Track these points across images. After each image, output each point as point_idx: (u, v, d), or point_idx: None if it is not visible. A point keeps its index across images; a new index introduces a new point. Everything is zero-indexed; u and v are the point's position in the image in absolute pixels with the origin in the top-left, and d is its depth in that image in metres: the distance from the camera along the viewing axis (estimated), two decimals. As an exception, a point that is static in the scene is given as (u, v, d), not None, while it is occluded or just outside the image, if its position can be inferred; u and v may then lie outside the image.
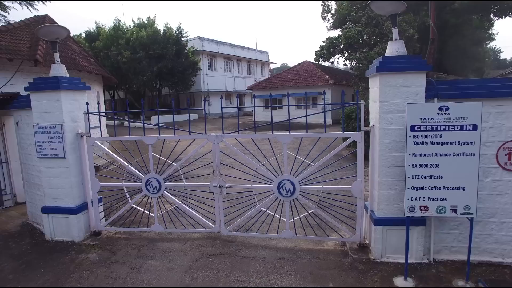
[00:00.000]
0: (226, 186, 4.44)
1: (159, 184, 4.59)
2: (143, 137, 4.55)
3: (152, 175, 4.60)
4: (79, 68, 8.81)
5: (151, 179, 4.61)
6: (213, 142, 4.38)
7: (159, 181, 4.59)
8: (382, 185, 3.73)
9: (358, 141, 3.98)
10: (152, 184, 4.61)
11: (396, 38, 3.66)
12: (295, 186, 4.22)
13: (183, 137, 4.59)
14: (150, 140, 4.53)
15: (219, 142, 4.37)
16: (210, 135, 4.38)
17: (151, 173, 4.59)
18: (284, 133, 4.17)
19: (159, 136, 4.53)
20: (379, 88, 3.59)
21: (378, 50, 12.35)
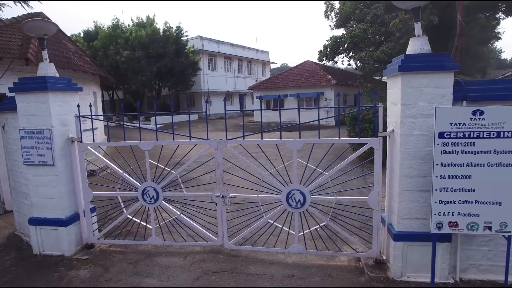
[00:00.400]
0: (229, 196, 4.07)
1: (156, 193, 4.23)
2: (139, 142, 4.18)
3: (149, 184, 4.23)
4: (74, 67, 8.45)
5: (148, 188, 4.25)
6: (215, 148, 4.02)
7: (156, 190, 4.23)
8: (403, 197, 3.37)
9: (376, 148, 3.62)
10: (149, 193, 4.25)
11: (419, 34, 3.30)
12: (305, 197, 3.86)
13: (182, 143, 4.22)
14: (147, 145, 4.17)
15: (222, 148, 4.00)
16: (213, 140, 4.02)
17: (148, 181, 4.23)
18: (294, 139, 3.80)
19: (157, 142, 4.17)
20: (400, 90, 3.23)
21: (384, 49, 12.01)
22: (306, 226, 4.02)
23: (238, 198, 4.25)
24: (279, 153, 3.95)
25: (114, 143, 4.37)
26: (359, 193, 5.99)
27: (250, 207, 4.37)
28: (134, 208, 4.41)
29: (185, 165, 4.23)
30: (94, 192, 4.41)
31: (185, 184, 4.35)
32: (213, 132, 18.70)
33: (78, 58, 9.36)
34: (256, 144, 4.11)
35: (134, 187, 4.32)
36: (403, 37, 12.12)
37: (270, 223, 4.06)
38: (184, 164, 4.35)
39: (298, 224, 3.94)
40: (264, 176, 3.95)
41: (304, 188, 3.87)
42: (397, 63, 3.27)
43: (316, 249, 4.02)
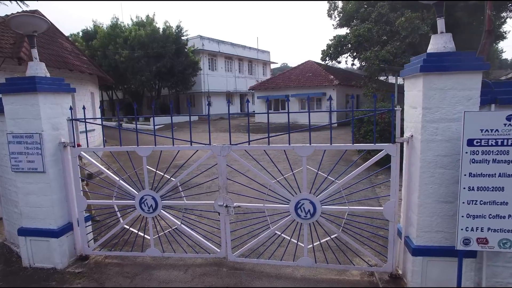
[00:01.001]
0: (233, 205, 3.79)
1: (155, 202, 3.95)
2: (136, 147, 3.90)
3: (147, 192, 3.95)
4: (70, 67, 8.16)
5: (146, 197, 3.97)
6: (218, 155, 3.73)
7: (155, 199, 3.95)
8: (423, 208, 3.09)
9: (393, 155, 3.34)
10: (147, 202, 3.97)
11: (442, 30, 3.01)
12: (315, 207, 3.58)
13: (183, 148, 3.94)
14: (145, 151, 3.88)
15: (226, 154, 3.72)
16: (215, 146, 3.73)
17: (146, 189, 3.95)
18: (304, 145, 3.52)
19: (155, 147, 3.88)
20: (422, 92, 2.95)
21: (390, 49, 11.72)
22: (315, 236, 3.74)
23: (243, 208, 3.97)
24: (288, 159, 3.67)
25: (110, 148, 4.09)
26: (372, 203, 5.70)
27: (256, 217, 4.08)
28: (131, 218, 4.13)
29: (186, 172, 3.95)
30: (89, 200, 4.13)
31: (186, 192, 4.07)
32: (214, 133, 18.37)
33: (74, 57, 9.07)
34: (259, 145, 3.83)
35: (131, 195, 4.04)
36: (409, 36, 11.86)
37: (277, 234, 3.78)
38: (185, 170, 4.07)
39: (307, 236, 3.67)
40: (270, 185, 3.67)
41: (314, 197, 3.59)
42: (418, 62, 2.99)
43: (327, 262, 3.74)
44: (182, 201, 4.03)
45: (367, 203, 5.34)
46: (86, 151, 4.10)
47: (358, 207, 3.74)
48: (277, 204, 3.76)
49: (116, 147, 4.06)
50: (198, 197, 5.08)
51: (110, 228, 4.25)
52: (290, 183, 3.68)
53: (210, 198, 4.10)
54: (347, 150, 3.79)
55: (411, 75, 3.20)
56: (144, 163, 3.89)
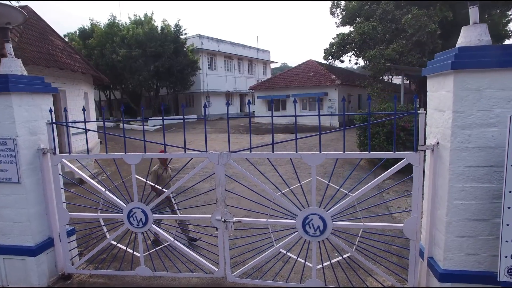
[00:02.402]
0: (233, 220, 3.37)
1: (145, 216, 3.53)
2: (124, 155, 3.48)
3: (136, 205, 3.53)
4: (60, 66, 7.72)
5: (135, 210, 3.54)
6: (216, 163, 3.31)
7: (145, 212, 3.52)
8: (453, 227, 2.68)
9: (415, 165, 2.92)
10: (137, 216, 3.55)
11: (475, 21, 2.60)
12: (326, 223, 3.16)
13: (176, 156, 3.52)
14: (133, 159, 3.46)
15: (224, 163, 3.29)
16: (212, 153, 3.31)
17: (135, 201, 3.53)
18: (313, 153, 3.09)
19: (145, 154, 3.46)
20: (452, 93, 2.53)
21: (396, 47, 11.29)
22: (324, 251, 3.32)
23: (244, 223, 3.55)
24: (294, 168, 3.24)
25: (95, 155, 3.67)
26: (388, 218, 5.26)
27: (259, 233, 3.65)
28: (119, 232, 3.70)
29: (180, 182, 3.53)
30: (72, 213, 3.71)
31: (180, 204, 3.65)
32: (213, 134, 18.00)
33: (66, 55, 8.64)
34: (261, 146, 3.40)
35: (119, 208, 3.61)
36: (415, 34, 11.43)
37: (283, 253, 3.36)
38: (179, 180, 3.66)
39: (316, 255, 3.25)
40: (275, 198, 3.24)
41: (325, 212, 3.16)
42: (448, 58, 2.57)
43: (337, 283, 3.33)
44: (176, 215, 3.62)
45: (383, 218, 4.92)
46: (69, 159, 3.67)
47: (375, 224, 3.32)
48: (282, 220, 3.34)
49: (102, 154, 3.64)
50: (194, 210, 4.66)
51: (99, 241, 3.84)
52: (296, 196, 3.26)
53: (208, 211, 3.69)
54: (351, 150, 3.36)
55: (437, 74, 2.79)
56: (132, 172, 3.48)
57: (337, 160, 3.18)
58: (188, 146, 3.33)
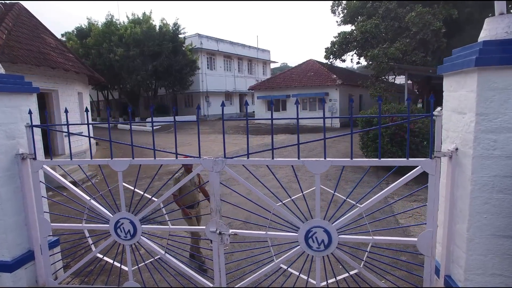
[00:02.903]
0: (229, 233, 3.07)
1: (133, 227, 3.24)
2: (110, 160, 3.19)
3: (124, 215, 3.24)
4: (52, 64, 7.42)
5: (122, 221, 3.25)
6: (210, 170, 3.01)
7: (133, 223, 3.23)
8: (475, 244, 2.38)
9: (431, 173, 2.62)
10: (124, 227, 3.26)
11: (502, 11, 2.32)
12: (331, 237, 2.86)
13: (166, 162, 3.22)
14: (120, 165, 3.17)
15: (220, 170, 2.99)
16: (206, 159, 3.01)
17: (122, 211, 3.24)
18: (317, 160, 2.80)
19: (133, 160, 3.16)
20: (476, 93, 2.24)
21: (399, 46, 10.98)
22: (328, 265, 3.03)
23: (241, 235, 3.26)
24: (296, 176, 2.95)
25: (78, 161, 3.36)
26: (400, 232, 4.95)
27: (258, 246, 3.36)
28: (106, 245, 3.41)
29: (172, 190, 3.24)
30: (55, 223, 3.42)
31: (171, 214, 3.36)
32: (212, 135, 17.67)
33: (58, 54, 8.35)
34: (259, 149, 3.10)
35: (105, 219, 3.32)
36: (419, 33, 11.13)
37: (283, 268, 3.07)
38: (171, 188, 3.37)
39: (320, 271, 2.95)
40: (275, 208, 2.95)
41: (330, 225, 2.87)
42: (471, 54, 2.28)
43: (343, 302, 3.03)
44: (166, 225, 3.32)
45: (393, 231, 4.61)
46: (51, 165, 3.37)
47: (385, 238, 3.02)
48: (283, 232, 3.05)
49: (87, 160, 3.35)
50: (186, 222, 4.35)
51: (86, 252, 3.56)
52: (299, 206, 2.97)
53: (202, 222, 3.40)
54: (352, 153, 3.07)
55: (456, 71, 2.49)
56: (119, 180, 3.19)
57: (343, 168, 2.88)
58: (186, 147, 3.06)
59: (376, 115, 6.04)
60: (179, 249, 3.48)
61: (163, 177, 8.69)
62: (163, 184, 4.22)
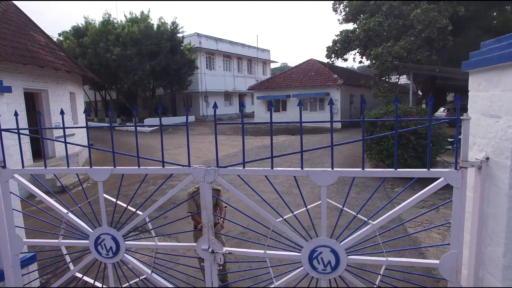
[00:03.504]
0: (223, 251, 2.71)
1: (116, 244, 2.87)
2: (89, 169, 2.82)
3: (105, 230, 2.88)
4: (40, 63, 7.05)
5: (103, 236, 2.89)
6: (201, 181, 2.65)
7: (116, 239, 2.87)
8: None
9: (456, 186, 2.26)
10: (106, 243, 2.90)
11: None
12: (339, 257, 2.50)
13: (152, 172, 2.85)
14: (100, 175, 2.80)
15: (212, 180, 2.63)
16: (197, 168, 2.64)
17: (103, 226, 2.88)
18: (323, 170, 2.43)
19: (114, 169, 2.80)
20: (515, 93, 1.87)
21: (404, 44, 10.60)
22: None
23: (237, 253, 2.89)
24: (299, 187, 2.58)
25: (53, 170, 2.99)
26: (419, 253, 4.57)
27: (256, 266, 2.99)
28: (86, 263, 3.05)
29: (159, 202, 2.87)
30: (29, 239, 3.06)
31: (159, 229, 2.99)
32: (210, 136, 17.26)
33: (48, 52, 7.98)
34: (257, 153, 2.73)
35: (84, 234, 2.96)
36: (425, 30, 10.77)
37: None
38: (159, 199, 3.01)
39: None
40: (274, 225, 2.59)
41: (337, 244, 2.50)
42: (506, 47, 1.92)
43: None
44: (153, 242, 2.95)
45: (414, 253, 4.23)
46: (22, 173, 3.01)
47: (401, 259, 2.65)
48: (283, 252, 2.68)
49: (62, 168, 2.98)
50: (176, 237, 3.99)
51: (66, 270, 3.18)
52: (301, 220, 2.61)
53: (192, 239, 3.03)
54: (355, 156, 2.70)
55: (487, 67, 2.13)
56: (100, 191, 2.83)
57: (353, 180, 2.51)
58: (184, 149, 2.74)
59: (392, 119, 5.61)
60: (168, 267, 3.11)
61: (158, 181, 8.33)
62: (156, 188, 3.85)
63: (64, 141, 2.77)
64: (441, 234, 5.19)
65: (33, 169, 3.01)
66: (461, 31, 11.69)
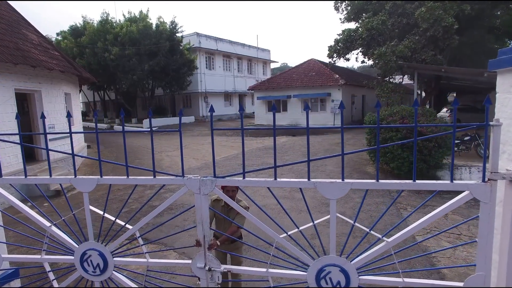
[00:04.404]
0: (221, 269, 2.45)
1: (103, 260, 2.62)
2: (73, 179, 2.56)
3: (91, 245, 2.62)
4: (32, 63, 6.78)
5: (89, 252, 2.64)
6: (196, 192, 2.39)
7: (103, 255, 2.61)
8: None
9: (484, 201, 2.00)
10: (92, 260, 2.64)
11: None
12: (349, 278, 2.25)
13: (142, 182, 2.59)
14: (86, 185, 2.54)
15: (208, 192, 2.37)
16: (191, 179, 2.38)
17: (89, 241, 2.62)
18: (332, 181, 2.17)
19: (100, 179, 2.53)
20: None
21: (408, 43, 10.32)
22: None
23: (236, 272, 2.63)
24: (304, 200, 2.33)
25: (34, 179, 2.72)
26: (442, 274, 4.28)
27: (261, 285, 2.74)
28: (71, 281, 2.79)
29: (149, 216, 2.61)
30: (9, 255, 2.80)
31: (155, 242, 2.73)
32: (209, 137, 16.97)
33: (41, 52, 7.71)
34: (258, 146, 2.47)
35: (69, 250, 2.70)
36: (430, 29, 10.50)
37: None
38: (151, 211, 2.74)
39: None
40: (277, 241, 2.33)
41: (347, 262, 2.25)
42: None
43: None
44: (144, 258, 2.69)
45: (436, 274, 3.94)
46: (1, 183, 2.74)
47: (420, 280, 2.39)
48: (288, 271, 2.42)
49: (45, 177, 2.71)
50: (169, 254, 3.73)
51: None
52: (305, 234, 2.35)
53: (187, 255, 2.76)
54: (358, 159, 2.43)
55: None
56: (85, 203, 2.56)
57: (366, 193, 2.24)
58: (184, 150, 2.43)
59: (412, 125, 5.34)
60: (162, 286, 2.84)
61: (155, 185, 8.06)
62: (153, 192, 3.57)
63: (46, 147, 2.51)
64: (451, 242, 4.93)
65: (12, 178, 2.75)
66: (465, 30, 11.42)
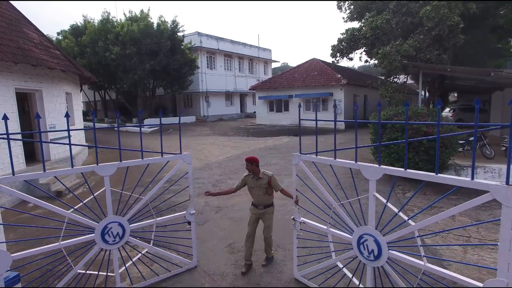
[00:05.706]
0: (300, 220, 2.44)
1: (122, 229, 3.13)
2: (95, 166, 2.97)
3: (111, 219, 3.08)
4: (33, 62, 6.68)
5: (110, 225, 3.05)
6: (188, 162, 3.23)
7: (122, 225, 3.12)
8: None
9: (506, 204, 1.95)
10: (113, 231, 3.07)
11: None
12: (381, 248, 2.53)
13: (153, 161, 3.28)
14: (107, 170, 3.12)
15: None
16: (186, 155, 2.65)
17: (109, 216, 3.17)
18: (372, 165, 2.60)
19: (121, 163, 3.07)
20: None
21: (412, 43, 10.20)
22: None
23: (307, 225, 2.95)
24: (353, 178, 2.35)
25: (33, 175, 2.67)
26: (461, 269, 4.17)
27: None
28: (90, 256, 3.11)
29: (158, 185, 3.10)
30: (18, 253, 2.76)
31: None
32: (211, 137, 16.93)
33: (42, 50, 7.61)
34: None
35: (90, 228, 3.04)
36: (435, 28, 10.38)
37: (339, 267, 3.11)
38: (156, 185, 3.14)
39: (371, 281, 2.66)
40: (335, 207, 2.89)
41: (380, 236, 2.55)
42: None
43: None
44: (153, 219, 3.27)
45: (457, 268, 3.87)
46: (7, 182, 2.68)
47: (441, 269, 2.43)
48: (340, 231, 2.99)
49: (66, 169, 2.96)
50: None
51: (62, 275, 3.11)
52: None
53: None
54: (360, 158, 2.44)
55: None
56: (106, 185, 3.04)
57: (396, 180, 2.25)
58: (184, 151, 3.18)
59: (434, 122, 5.41)
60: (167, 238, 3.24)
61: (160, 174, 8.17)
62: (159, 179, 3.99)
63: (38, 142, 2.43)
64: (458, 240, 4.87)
65: (27, 174, 2.70)
66: (469, 29, 11.32)
